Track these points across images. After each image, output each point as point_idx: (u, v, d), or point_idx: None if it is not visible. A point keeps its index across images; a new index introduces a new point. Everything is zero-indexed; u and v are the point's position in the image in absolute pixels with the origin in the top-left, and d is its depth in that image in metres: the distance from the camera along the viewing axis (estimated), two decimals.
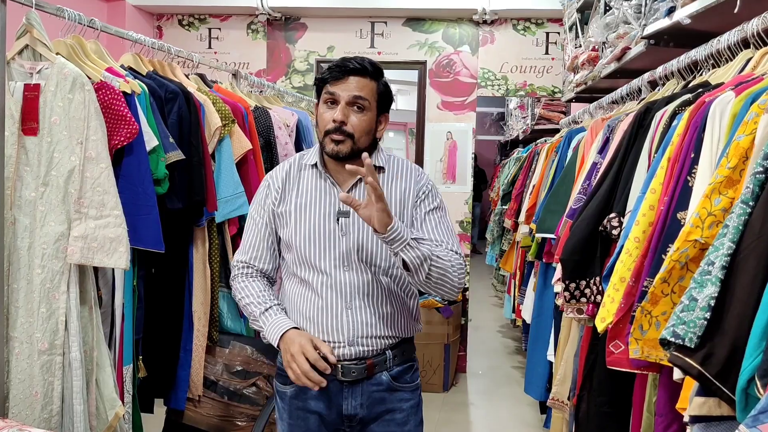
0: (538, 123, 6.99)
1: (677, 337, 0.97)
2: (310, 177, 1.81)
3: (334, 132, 1.71)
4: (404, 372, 1.82)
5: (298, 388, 1.76)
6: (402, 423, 1.79)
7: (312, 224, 1.76)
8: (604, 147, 2.14)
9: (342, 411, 1.77)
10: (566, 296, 1.82)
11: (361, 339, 1.74)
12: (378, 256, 1.75)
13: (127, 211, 2.02)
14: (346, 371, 1.74)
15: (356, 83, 1.72)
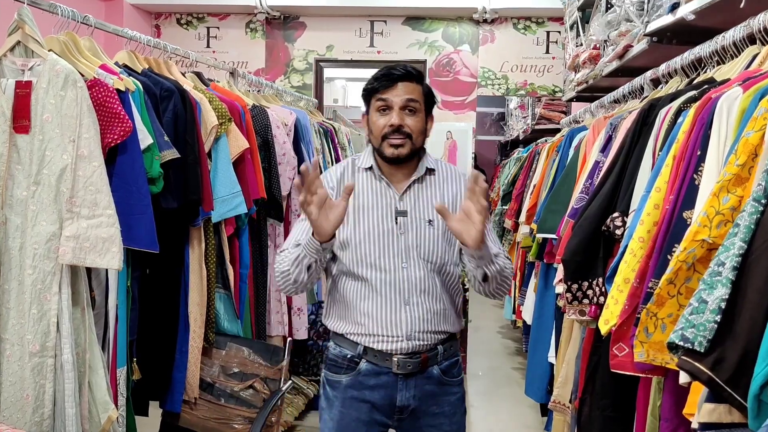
0: (539, 123, 6.94)
1: (686, 341, 0.93)
2: (366, 179, 1.88)
3: (392, 136, 1.79)
4: (451, 366, 1.90)
5: (353, 378, 1.85)
6: (450, 415, 1.89)
7: (371, 223, 1.83)
8: (607, 145, 2.11)
9: (395, 402, 1.84)
10: (568, 297, 1.78)
11: (417, 334, 1.81)
12: (434, 253, 1.83)
13: (121, 211, 1.98)
14: (402, 365, 1.81)
15: (405, 88, 1.80)
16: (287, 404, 4.00)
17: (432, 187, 1.88)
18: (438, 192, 1.87)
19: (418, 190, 1.86)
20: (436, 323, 1.83)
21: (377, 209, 1.84)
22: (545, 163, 3.57)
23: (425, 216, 1.84)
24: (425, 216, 1.84)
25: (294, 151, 3.34)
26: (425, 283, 1.81)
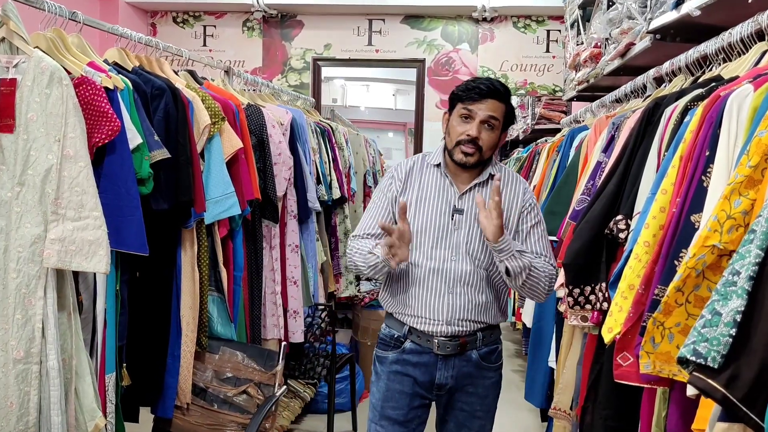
0: (539, 122, 6.88)
1: (698, 356, 0.87)
2: (432, 174, 2.08)
3: (466, 144, 1.97)
4: (490, 353, 2.08)
5: (398, 355, 2.06)
6: (483, 396, 2.08)
7: (430, 216, 2.03)
8: (609, 146, 2.05)
9: (435, 380, 2.04)
10: (570, 302, 1.72)
11: (457, 320, 2.00)
12: (482, 251, 2.00)
13: (109, 213, 1.93)
14: (442, 346, 2.01)
15: (491, 105, 1.95)
16: (283, 408, 3.94)
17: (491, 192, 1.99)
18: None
19: (478, 192, 2.04)
20: (477, 314, 2.02)
21: (438, 204, 2.04)
22: (545, 163, 3.51)
23: (477, 215, 1.99)
24: (477, 215, 1.99)
25: (290, 150, 3.28)
26: (470, 277, 2.00)
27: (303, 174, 3.42)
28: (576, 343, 2.24)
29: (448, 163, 2.06)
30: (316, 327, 3.75)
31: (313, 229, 3.65)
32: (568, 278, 1.72)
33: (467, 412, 2.08)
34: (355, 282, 4.60)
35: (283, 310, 3.31)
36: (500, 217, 1.86)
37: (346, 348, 4.71)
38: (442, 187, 2.05)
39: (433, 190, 2.05)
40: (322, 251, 3.90)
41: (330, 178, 4.08)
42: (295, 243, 3.38)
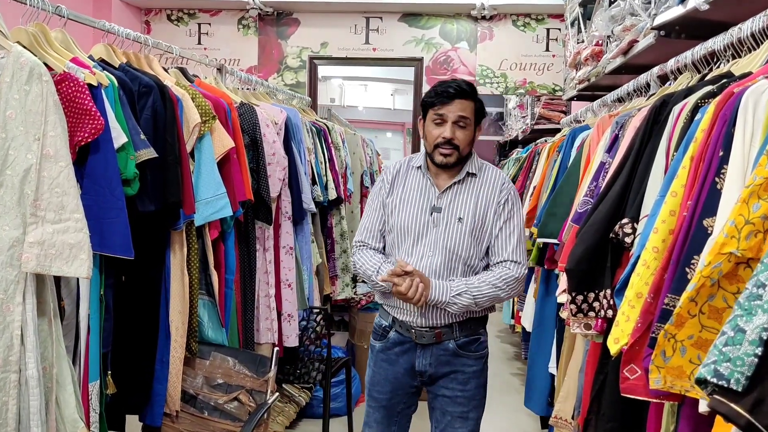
0: (538, 123, 6.81)
1: (720, 378, 0.79)
2: (415, 176, 2.22)
3: (444, 146, 2.10)
4: (470, 342, 2.19)
5: (384, 344, 2.23)
6: (463, 382, 2.18)
7: (411, 215, 2.16)
8: (613, 145, 1.97)
9: (415, 367, 2.18)
10: (572, 309, 1.64)
11: (431, 313, 2.13)
12: (459, 247, 2.12)
13: (93, 215, 1.85)
14: (419, 335, 2.15)
15: (460, 105, 2.08)
16: (278, 413, 3.86)
17: (469, 190, 2.18)
18: (473, 195, 2.17)
19: (456, 190, 2.16)
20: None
21: (419, 203, 2.17)
22: (545, 163, 3.43)
23: (456, 214, 2.13)
24: (456, 214, 2.13)
25: (284, 150, 3.21)
26: (444, 270, 2.11)
27: (298, 174, 3.34)
28: (578, 349, 2.17)
29: (429, 165, 2.20)
30: (311, 330, 3.68)
31: (308, 231, 3.57)
32: (571, 284, 1.64)
33: (449, 398, 2.19)
34: (351, 284, 4.53)
35: (277, 314, 3.23)
36: (419, 290, 2.02)
37: (343, 351, 4.63)
38: (423, 187, 2.19)
39: (415, 190, 2.20)
40: (318, 253, 3.83)
41: (326, 178, 4.01)
42: (290, 245, 3.30)
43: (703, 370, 0.81)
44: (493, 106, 10.42)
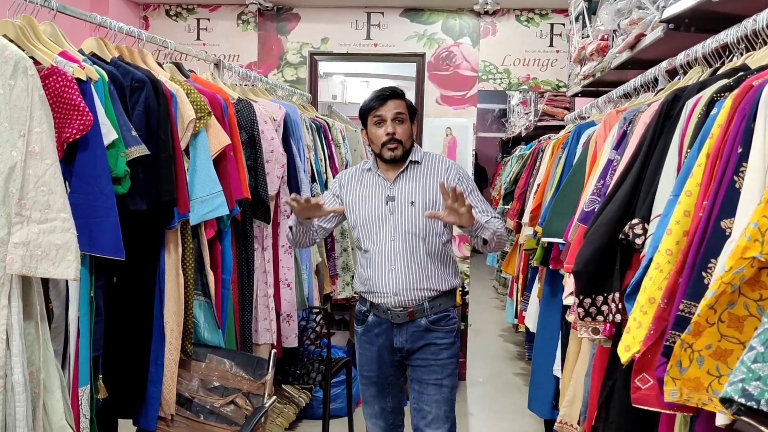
0: (541, 119, 6.73)
1: (749, 398, 0.73)
2: (367, 176, 2.51)
3: (389, 142, 2.39)
4: (440, 319, 2.43)
5: (364, 328, 2.50)
6: (436, 353, 2.41)
7: (370, 209, 2.43)
8: (621, 142, 1.90)
9: (393, 344, 2.44)
10: (580, 313, 1.57)
11: (402, 291, 2.38)
12: (416, 227, 2.39)
13: (81, 214, 1.79)
14: (394, 315, 2.41)
15: (394, 104, 2.41)
16: (277, 414, 3.80)
17: (416, 177, 2.46)
18: (421, 180, 2.45)
19: (405, 178, 2.44)
20: (418, 282, 2.38)
21: (374, 198, 2.44)
22: (550, 161, 3.36)
23: (408, 199, 2.40)
24: (408, 199, 2.40)
25: (283, 147, 3.14)
26: (408, 252, 2.38)
27: (297, 172, 3.28)
28: (584, 352, 2.10)
29: (379, 164, 2.49)
30: (310, 331, 3.61)
31: None
32: (578, 287, 1.56)
33: (424, 367, 2.42)
34: (352, 283, 4.46)
35: (276, 314, 3.17)
36: (470, 210, 2.17)
37: (343, 351, 4.56)
38: (376, 183, 2.47)
39: (369, 187, 2.48)
40: (317, 252, 3.76)
41: (326, 175, 3.94)
42: (289, 244, 3.24)
43: (729, 389, 0.74)
44: (495, 103, 10.35)
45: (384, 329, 2.45)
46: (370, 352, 2.50)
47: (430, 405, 2.42)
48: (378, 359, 2.49)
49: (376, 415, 2.55)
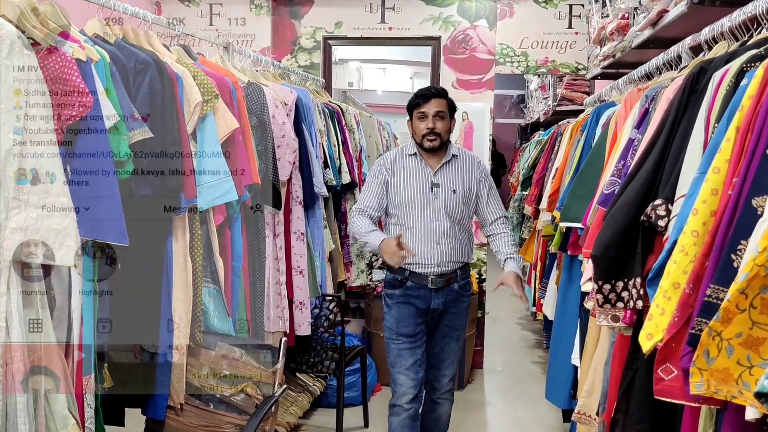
0: (560, 104, 6.60)
1: None
2: (411, 161, 2.84)
3: (429, 134, 2.76)
4: (465, 284, 2.90)
5: (403, 291, 2.82)
6: (460, 315, 2.89)
7: (415, 190, 2.80)
8: (643, 120, 1.80)
9: (430, 306, 2.81)
10: (599, 300, 1.49)
11: (445, 263, 2.79)
12: (455, 212, 2.81)
13: (82, 198, 1.74)
14: (434, 282, 2.79)
15: (436, 103, 2.76)
16: (291, 403, 3.76)
17: (456, 168, 2.87)
18: (460, 172, 2.87)
19: (446, 169, 2.84)
20: (456, 256, 2.82)
21: (419, 182, 2.81)
22: (568, 144, 3.27)
23: (451, 187, 2.80)
24: (451, 187, 2.80)
25: (295, 132, 3.08)
26: (449, 231, 2.79)
27: (309, 157, 3.21)
28: (603, 340, 2.02)
29: (420, 151, 2.84)
30: (324, 319, 3.56)
31: (320, 216, 3.44)
32: (597, 272, 1.48)
33: (449, 326, 2.86)
34: (366, 270, 4.40)
35: (289, 302, 3.12)
36: (517, 286, 2.81)
37: (358, 339, 4.51)
38: (419, 168, 2.83)
39: (414, 172, 2.82)
40: (330, 239, 3.70)
41: (339, 161, 3.87)
42: (301, 230, 3.18)
43: (766, 382, 0.66)
44: (514, 89, 10.20)
45: (422, 293, 2.79)
46: (408, 311, 2.82)
47: (450, 354, 2.91)
48: (416, 316, 2.82)
49: (409, 367, 2.84)
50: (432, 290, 2.80)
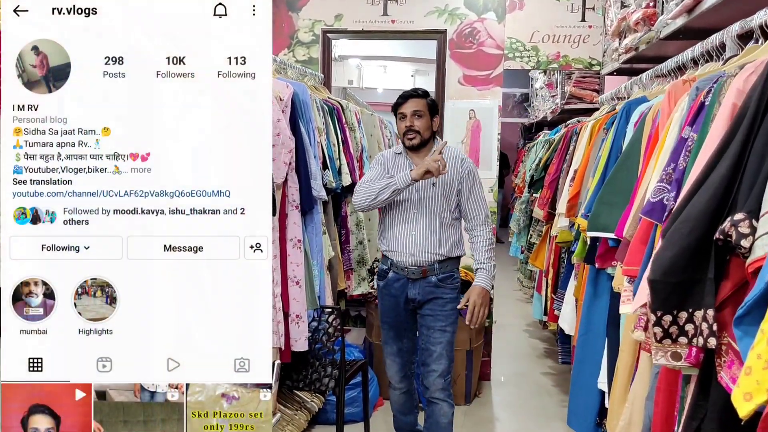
0: (569, 102, 6.35)
1: None
2: (398, 159, 2.98)
3: (408, 132, 2.90)
4: (446, 278, 2.93)
5: (386, 282, 2.99)
6: (442, 305, 2.91)
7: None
8: (697, 116, 1.54)
9: (408, 296, 2.93)
10: (657, 334, 1.23)
11: (418, 253, 2.89)
12: (435, 205, 2.90)
13: None
14: (410, 273, 2.91)
15: (414, 102, 2.89)
16: (287, 422, 3.50)
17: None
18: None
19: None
20: (432, 248, 2.89)
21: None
22: (589, 144, 3.00)
23: (431, 181, 2.86)
24: (431, 181, 2.86)
25: (291, 130, 2.82)
26: (426, 224, 2.89)
27: (306, 157, 2.95)
28: (644, 370, 1.76)
29: (405, 150, 2.98)
30: (322, 332, 3.30)
31: (319, 221, 3.18)
32: (655, 300, 1.22)
33: (431, 316, 2.93)
34: (368, 277, 4.14)
35: (284, 315, 2.87)
36: (480, 314, 2.88)
37: (359, 350, 4.25)
38: (404, 166, 2.94)
39: (400, 169, 2.93)
40: (330, 246, 3.44)
41: (339, 162, 3.61)
42: (298, 237, 2.92)
43: None
44: (517, 87, 9.94)
45: (402, 283, 2.93)
46: (390, 302, 2.99)
47: (435, 345, 2.94)
48: (396, 307, 2.98)
49: (394, 353, 3.06)
50: (409, 280, 2.93)
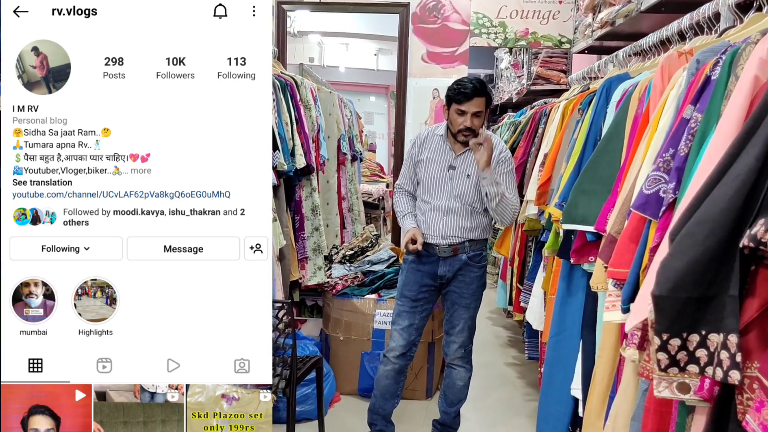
0: (535, 83, 6.13)
1: None
2: (438, 141, 2.99)
3: (464, 131, 2.85)
4: (475, 256, 3.00)
5: (415, 257, 3.02)
6: (469, 283, 2.99)
7: (434, 171, 2.97)
8: (702, 93, 1.31)
9: (438, 272, 3.00)
10: (662, 361, 0.99)
11: (448, 236, 2.95)
12: (466, 195, 2.93)
13: None
14: (442, 251, 2.96)
15: (477, 102, 2.81)
16: None
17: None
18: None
19: (467, 154, 2.92)
20: (462, 232, 2.94)
21: (439, 163, 2.96)
22: (562, 126, 2.78)
23: (466, 172, 2.91)
24: (466, 172, 2.91)
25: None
26: (459, 210, 2.93)
27: None
28: (628, 385, 1.54)
29: (449, 136, 2.96)
30: (272, 329, 3.04)
31: None
32: (661, 321, 0.97)
33: (458, 293, 3.01)
34: (324, 266, 3.88)
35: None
36: (488, 154, 2.76)
37: (315, 343, 3.99)
38: (443, 150, 2.97)
39: (438, 152, 2.98)
40: (281, 234, 3.17)
41: (292, 143, 3.33)
42: None
43: None
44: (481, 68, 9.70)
45: (432, 260, 2.99)
46: (417, 276, 3.03)
47: (458, 320, 3.04)
48: (420, 281, 3.02)
49: (404, 327, 3.07)
50: (441, 258, 2.98)
